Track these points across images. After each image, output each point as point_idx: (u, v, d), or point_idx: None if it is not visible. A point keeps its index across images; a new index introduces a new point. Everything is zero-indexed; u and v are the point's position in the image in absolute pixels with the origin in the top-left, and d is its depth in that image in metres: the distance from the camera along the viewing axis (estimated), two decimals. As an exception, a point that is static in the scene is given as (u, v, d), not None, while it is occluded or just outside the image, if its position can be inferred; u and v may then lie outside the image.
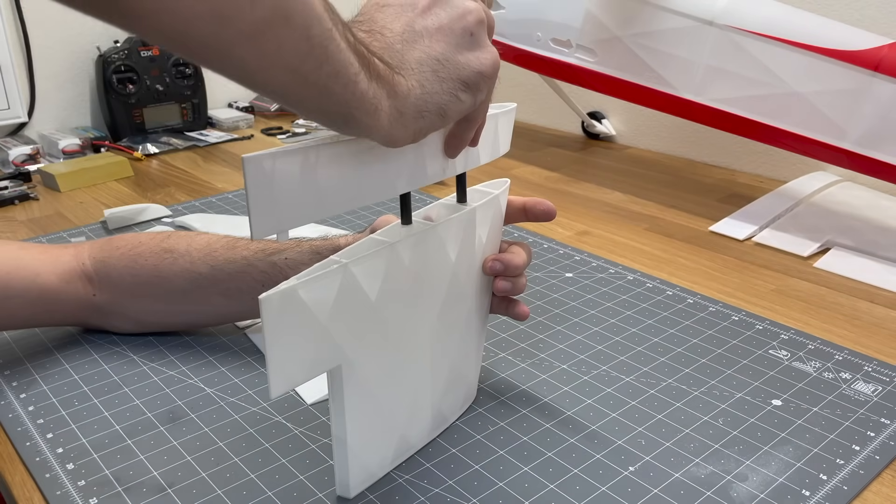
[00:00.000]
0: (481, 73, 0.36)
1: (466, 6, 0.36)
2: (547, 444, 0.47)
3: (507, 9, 0.92)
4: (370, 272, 0.38)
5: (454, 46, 0.35)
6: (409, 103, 0.34)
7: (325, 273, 0.35)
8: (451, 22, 0.36)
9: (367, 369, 0.40)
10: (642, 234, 0.80)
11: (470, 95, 0.36)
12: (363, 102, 0.31)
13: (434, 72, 0.34)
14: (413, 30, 0.35)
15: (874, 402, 0.50)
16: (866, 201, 0.83)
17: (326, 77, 0.30)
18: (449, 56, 0.35)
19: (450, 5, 0.36)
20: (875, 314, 0.63)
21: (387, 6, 0.36)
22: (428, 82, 0.34)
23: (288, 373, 0.35)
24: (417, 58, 0.34)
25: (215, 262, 0.55)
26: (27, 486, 0.45)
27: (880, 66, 0.66)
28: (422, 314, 0.43)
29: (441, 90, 0.35)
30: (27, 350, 0.58)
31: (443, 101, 0.35)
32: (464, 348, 0.48)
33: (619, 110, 1.15)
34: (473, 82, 0.36)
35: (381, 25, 0.35)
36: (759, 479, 0.44)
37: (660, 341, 0.58)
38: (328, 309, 0.36)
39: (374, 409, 0.42)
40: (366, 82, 0.31)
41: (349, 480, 0.42)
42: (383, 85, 0.32)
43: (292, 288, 0.34)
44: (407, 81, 0.34)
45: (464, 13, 0.36)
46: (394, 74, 0.33)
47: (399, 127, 0.34)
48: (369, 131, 0.33)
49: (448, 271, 0.44)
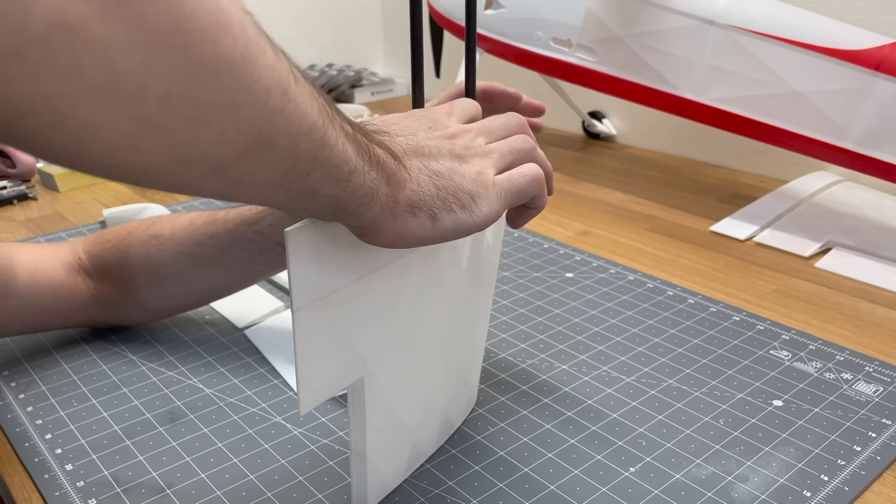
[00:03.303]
0: (472, 193, 0.35)
1: (466, 146, 0.36)
2: (547, 445, 0.47)
3: (507, 8, 0.92)
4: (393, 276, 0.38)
5: (449, 168, 0.35)
6: (405, 194, 0.32)
7: (356, 282, 0.35)
8: (442, 144, 0.36)
9: (387, 380, 0.39)
10: (643, 234, 0.80)
11: (465, 215, 0.34)
12: (357, 195, 0.30)
13: (432, 181, 0.34)
14: (417, 143, 0.35)
15: (875, 403, 0.50)
16: (868, 201, 0.83)
17: (314, 182, 0.28)
18: (445, 173, 0.34)
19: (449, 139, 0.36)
20: (876, 314, 0.62)
21: (392, 123, 0.36)
22: (425, 185, 0.33)
23: (317, 387, 0.35)
24: (419, 165, 0.34)
25: (202, 240, 0.55)
26: (26, 486, 0.44)
27: (881, 65, 0.66)
28: (438, 316, 0.43)
29: (437, 196, 0.33)
30: (26, 351, 0.58)
31: (436, 206, 0.33)
32: (471, 350, 0.48)
33: (619, 110, 1.15)
34: (467, 203, 0.34)
35: (383, 131, 0.35)
36: (759, 479, 0.43)
37: (660, 342, 0.58)
38: (356, 319, 0.36)
39: (391, 421, 0.41)
40: (362, 175, 0.30)
41: (367, 493, 0.41)
42: (381, 172, 0.31)
43: (325, 299, 0.33)
44: (405, 172, 0.33)
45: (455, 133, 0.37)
46: (394, 161, 0.32)
47: (389, 217, 0.32)
48: (357, 222, 0.32)
49: (461, 271, 0.43)
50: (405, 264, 0.38)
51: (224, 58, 0.23)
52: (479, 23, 0.95)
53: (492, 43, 0.95)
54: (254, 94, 0.24)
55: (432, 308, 0.42)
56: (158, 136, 0.22)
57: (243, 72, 0.23)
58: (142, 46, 0.21)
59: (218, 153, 0.24)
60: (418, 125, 0.37)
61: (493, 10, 0.93)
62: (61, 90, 0.20)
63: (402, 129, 0.36)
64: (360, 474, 0.40)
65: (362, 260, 0.35)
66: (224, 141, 0.24)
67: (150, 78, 0.21)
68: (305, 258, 0.31)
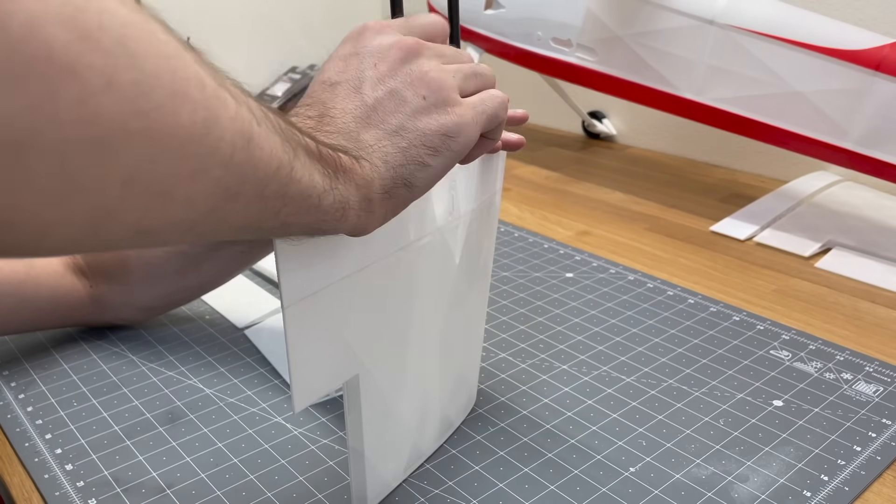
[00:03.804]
0: (446, 133, 0.33)
1: (421, 70, 0.33)
2: (547, 445, 0.47)
3: (507, 8, 0.92)
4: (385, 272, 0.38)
5: (411, 114, 0.32)
6: (375, 187, 0.31)
7: (346, 278, 0.35)
8: (404, 89, 0.33)
9: (382, 377, 0.39)
10: (643, 234, 0.80)
11: (439, 159, 0.33)
12: (330, 213, 0.29)
13: (394, 144, 0.32)
14: (366, 105, 0.32)
15: (875, 403, 0.50)
16: (868, 201, 0.83)
17: (286, 217, 0.27)
18: (407, 124, 0.32)
19: (403, 73, 0.33)
20: (877, 314, 0.62)
21: (336, 84, 0.33)
22: (391, 156, 0.32)
23: (310, 384, 0.35)
24: (375, 135, 0.32)
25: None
26: (26, 486, 0.44)
27: (881, 65, 0.66)
28: (432, 313, 0.43)
29: (405, 161, 0.32)
30: (26, 351, 0.58)
31: (407, 171, 0.32)
32: (468, 348, 0.48)
33: (619, 110, 1.15)
34: (440, 145, 0.33)
35: (330, 107, 0.32)
36: (760, 479, 0.43)
37: (660, 342, 0.58)
38: (348, 315, 0.36)
39: (389, 419, 0.41)
40: (332, 193, 0.29)
41: (367, 493, 0.41)
42: (349, 179, 0.30)
43: (315, 296, 0.33)
44: (370, 163, 0.31)
45: (417, 78, 0.33)
46: (356, 162, 0.31)
47: (367, 216, 0.31)
48: (336, 231, 0.31)
49: (454, 266, 0.43)
50: (397, 260, 0.38)
51: (185, 128, 0.22)
52: (479, 23, 0.95)
53: (492, 43, 0.95)
54: (219, 153, 0.23)
55: (426, 304, 0.42)
56: (121, 219, 0.22)
57: (206, 135, 0.23)
58: (98, 142, 0.20)
59: (185, 217, 0.23)
60: (363, 67, 0.33)
61: (493, 10, 0.93)
62: (7, 203, 0.19)
63: (347, 91, 0.33)
64: (358, 473, 0.40)
65: (353, 255, 0.35)
66: (191, 207, 0.23)
67: (110, 170, 0.20)
68: (294, 254, 0.31)
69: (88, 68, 0.19)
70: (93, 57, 0.19)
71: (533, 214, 0.86)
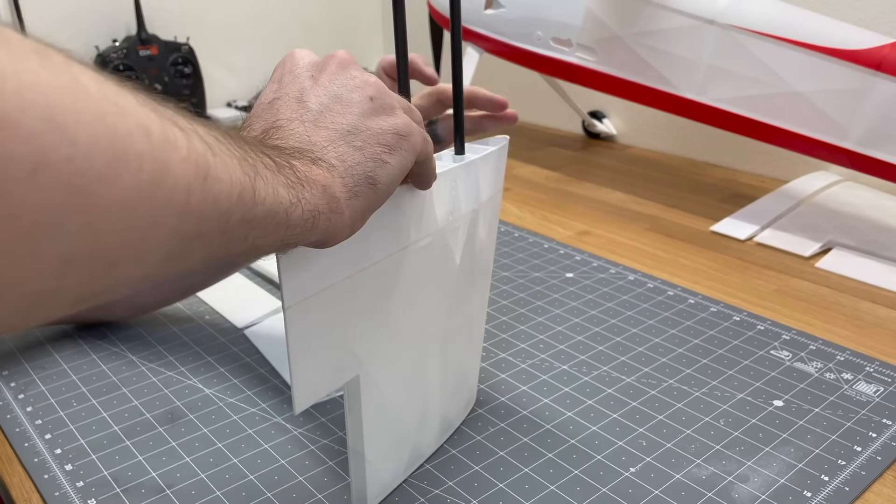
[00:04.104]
0: (397, 132, 0.32)
1: (361, 78, 0.33)
2: (547, 445, 0.47)
3: (507, 7, 0.92)
4: (386, 273, 0.38)
5: (360, 115, 0.32)
6: (338, 187, 0.30)
7: (347, 278, 0.35)
8: (349, 93, 0.32)
9: (383, 378, 0.39)
10: (643, 234, 0.79)
11: (396, 156, 0.32)
12: (299, 226, 0.28)
13: (349, 143, 0.31)
14: (311, 111, 0.31)
15: (876, 403, 0.50)
16: (868, 201, 0.83)
17: (255, 239, 0.26)
18: (359, 124, 0.32)
19: (343, 78, 0.33)
20: (877, 314, 0.62)
21: (276, 100, 0.32)
22: (347, 155, 0.31)
23: (311, 385, 0.35)
24: (327, 136, 0.31)
25: None
26: (25, 486, 0.44)
27: (882, 65, 0.66)
28: (433, 314, 0.43)
29: (363, 158, 0.31)
30: (25, 350, 0.58)
31: (368, 168, 0.31)
32: (468, 349, 0.48)
33: (619, 110, 1.15)
34: (394, 143, 0.32)
35: (274, 120, 0.31)
36: (760, 480, 0.43)
37: (661, 342, 0.58)
38: (349, 315, 0.36)
39: (389, 419, 0.41)
40: (299, 204, 0.27)
41: (367, 493, 0.41)
42: (313, 184, 0.28)
43: (316, 296, 0.33)
44: (328, 164, 0.30)
45: (360, 84, 0.33)
46: (313, 164, 0.29)
47: (337, 218, 0.30)
48: (307, 242, 0.30)
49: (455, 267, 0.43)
50: (398, 261, 0.38)
51: (131, 191, 0.20)
52: (479, 22, 0.95)
53: (492, 43, 0.95)
54: (172, 203, 0.21)
55: (427, 305, 0.42)
56: (62, 296, 0.20)
57: (155, 189, 0.20)
58: (25, 234, 0.18)
59: (136, 274, 0.21)
60: (301, 80, 0.33)
61: (493, 9, 0.93)
62: None
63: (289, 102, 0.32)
64: (358, 474, 0.40)
65: (354, 256, 0.35)
66: (141, 264, 0.21)
67: (44, 253, 0.18)
68: (295, 255, 0.31)
69: (7, 160, 0.17)
70: (12, 146, 0.17)
71: (533, 214, 0.86)
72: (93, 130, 0.19)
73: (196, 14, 1.27)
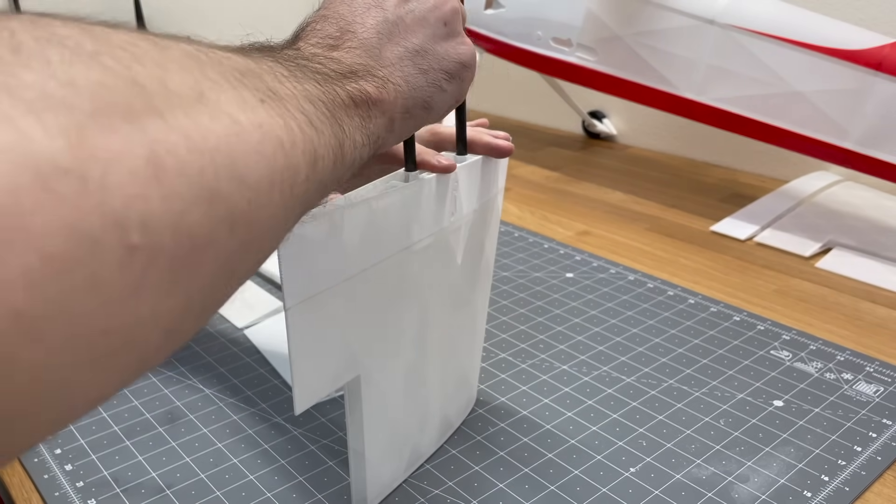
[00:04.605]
0: (462, 62, 0.34)
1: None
2: (548, 446, 0.47)
3: (507, 7, 0.92)
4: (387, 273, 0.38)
5: (431, 37, 0.33)
6: (397, 107, 0.31)
7: (348, 279, 0.35)
8: (426, 12, 0.33)
9: (383, 378, 0.39)
10: (643, 234, 0.79)
11: (454, 85, 0.34)
12: (365, 157, 0.29)
13: (415, 64, 0.32)
14: (388, 21, 0.32)
15: (876, 403, 0.50)
16: (868, 201, 0.83)
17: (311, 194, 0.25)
18: (428, 47, 0.33)
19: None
20: (877, 314, 0.62)
21: None
22: (412, 76, 0.32)
23: (312, 385, 0.35)
24: (397, 53, 0.32)
25: None
26: (25, 486, 0.44)
27: (882, 65, 0.66)
28: (433, 314, 0.43)
29: (425, 83, 0.32)
30: (26, 350, 0.58)
31: (427, 94, 0.32)
32: (469, 349, 0.48)
33: (619, 110, 1.15)
34: (456, 72, 0.34)
35: (350, 21, 0.32)
36: (760, 480, 0.43)
37: (661, 342, 0.58)
38: (350, 316, 0.36)
39: (389, 420, 0.41)
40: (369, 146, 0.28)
41: (367, 493, 0.41)
42: (381, 112, 0.29)
43: (317, 297, 0.33)
44: (395, 84, 0.31)
45: (439, 3, 0.34)
46: (382, 88, 0.30)
47: (387, 136, 0.31)
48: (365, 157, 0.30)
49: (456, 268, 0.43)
50: (399, 261, 0.38)
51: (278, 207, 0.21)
52: (479, 22, 0.95)
53: (492, 43, 0.95)
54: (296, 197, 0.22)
55: (428, 305, 0.42)
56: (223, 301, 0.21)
57: (290, 194, 0.22)
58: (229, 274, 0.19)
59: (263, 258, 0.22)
60: None
61: (493, 9, 0.93)
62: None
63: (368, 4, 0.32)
64: (359, 474, 0.40)
65: (356, 257, 0.35)
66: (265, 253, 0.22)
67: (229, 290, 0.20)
68: (296, 255, 0.31)
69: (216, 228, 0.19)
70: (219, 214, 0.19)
71: (533, 214, 0.86)
72: (257, 172, 0.20)
73: (196, 14, 1.27)
